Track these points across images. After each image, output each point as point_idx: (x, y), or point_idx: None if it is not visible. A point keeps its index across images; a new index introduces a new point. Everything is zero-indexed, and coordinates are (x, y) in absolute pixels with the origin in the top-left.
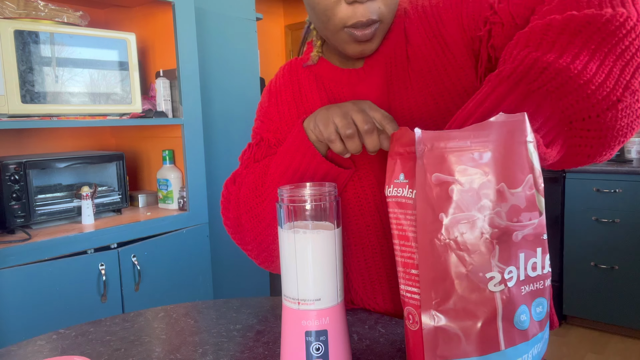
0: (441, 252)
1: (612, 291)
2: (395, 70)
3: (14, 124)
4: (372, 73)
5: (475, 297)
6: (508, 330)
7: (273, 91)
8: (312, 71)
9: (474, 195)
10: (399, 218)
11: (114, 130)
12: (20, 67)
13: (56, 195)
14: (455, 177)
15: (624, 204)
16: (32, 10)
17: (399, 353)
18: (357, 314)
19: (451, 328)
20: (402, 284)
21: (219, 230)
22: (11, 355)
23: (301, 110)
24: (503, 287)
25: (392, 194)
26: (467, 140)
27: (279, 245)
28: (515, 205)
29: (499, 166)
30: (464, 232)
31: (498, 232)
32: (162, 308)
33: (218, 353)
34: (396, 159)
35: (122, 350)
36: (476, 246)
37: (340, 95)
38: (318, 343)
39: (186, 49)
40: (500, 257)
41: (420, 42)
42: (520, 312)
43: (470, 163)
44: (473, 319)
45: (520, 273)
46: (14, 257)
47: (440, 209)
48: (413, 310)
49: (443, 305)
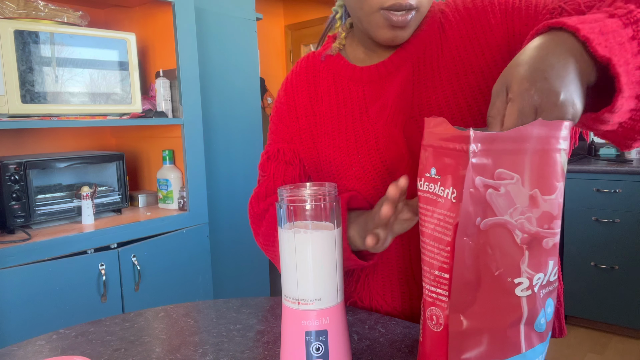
0: (475, 256)
1: (612, 291)
2: (424, 67)
3: (14, 124)
4: (398, 67)
5: (503, 301)
6: (528, 333)
7: (289, 90)
8: (331, 69)
9: (509, 200)
10: (428, 215)
11: (114, 130)
12: (20, 67)
13: (56, 195)
14: (496, 180)
15: (624, 204)
16: (32, 10)
17: (399, 353)
18: (357, 314)
19: (477, 331)
20: (427, 284)
21: (219, 230)
22: (11, 355)
23: (317, 114)
24: (530, 293)
25: (423, 189)
26: (509, 143)
27: (279, 245)
28: (547, 212)
29: (534, 172)
30: (497, 236)
31: (528, 237)
32: (162, 308)
33: (218, 353)
34: (429, 150)
35: (122, 350)
36: (507, 251)
37: (358, 94)
38: (318, 343)
39: (186, 49)
40: (530, 263)
41: (459, 43)
42: (541, 316)
43: (509, 167)
44: (499, 323)
45: (545, 279)
46: (14, 257)
47: (478, 213)
48: (438, 312)
49: (471, 309)
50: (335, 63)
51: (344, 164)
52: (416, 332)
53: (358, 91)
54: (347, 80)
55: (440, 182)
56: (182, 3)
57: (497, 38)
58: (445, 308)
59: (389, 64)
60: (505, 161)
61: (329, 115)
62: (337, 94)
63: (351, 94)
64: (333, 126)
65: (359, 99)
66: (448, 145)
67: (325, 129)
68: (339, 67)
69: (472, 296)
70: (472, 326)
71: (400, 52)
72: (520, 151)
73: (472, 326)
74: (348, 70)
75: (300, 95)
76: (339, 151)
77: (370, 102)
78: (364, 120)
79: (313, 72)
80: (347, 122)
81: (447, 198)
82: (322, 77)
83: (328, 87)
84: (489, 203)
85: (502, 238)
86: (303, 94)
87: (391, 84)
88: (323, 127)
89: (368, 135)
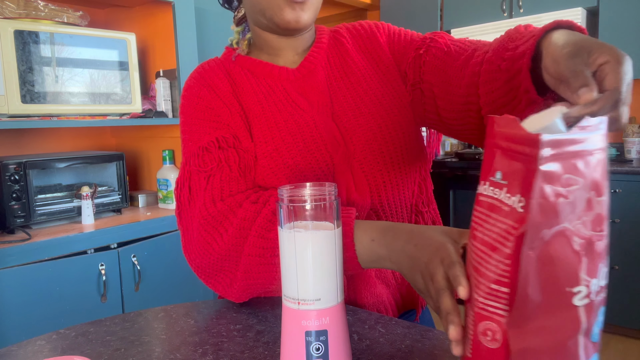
0: (537, 269)
1: (612, 291)
2: (332, 72)
3: (14, 124)
4: (311, 72)
5: (562, 313)
6: (586, 344)
7: (205, 84)
8: (245, 67)
9: (572, 206)
10: (487, 222)
11: (114, 130)
12: (20, 67)
13: (56, 195)
14: (565, 187)
15: (624, 204)
16: (32, 10)
17: (399, 353)
18: (357, 314)
19: (538, 347)
20: (481, 296)
21: None
22: (11, 355)
23: (243, 103)
24: (587, 301)
25: (487, 193)
26: (575, 145)
27: (279, 245)
28: (600, 214)
29: (590, 173)
30: (557, 245)
31: (584, 242)
32: (162, 308)
33: (218, 353)
34: (495, 151)
35: (122, 350)
36: (566, 259)
37: (280, 89)
38: (318, 343)
39: (186, 49)
40: (587, 269)
41: (356, 56)
42: (596, 325)
43: (574, 171)
44: (558, 336)
45: (598, 285)
46: (14, 257)
47: (546, 225)
48: (495, 327)
49: (531, 323)
50: (248, 62)
51: (280, 151)
52: (416, 332)
53: (278, 86)
54: (265, 77)
55: (507, 188)
56: (182, 3)
57: (386, 53)
58: (503, 324)
59: (303, 69)
60: (571, 165)
61: (252, 105)
62: (259, 85)
63: (272, 89)
64: (259, 115)
65: (281, 92)
66: (517, 149)
67: (252, 119)
68: (253, 65)
69: (533, 310)
70: (533, 342)
71: (310, 58)
72: (582, 153)
73: (533, 342)
74: (265, 67)
75: (222, 87)
76: (271, 138)
77: (295, 96)
78: (295, 108)
79: (224, 71)
80: (274, 111)
81: (512, 207)
82: (237, 73)
83: (247, 80)
84: (558, 212)
85: (562, 246)
86: (225, 87)
87: (308, 84)
88: (250, 116)
89: (305, 120)
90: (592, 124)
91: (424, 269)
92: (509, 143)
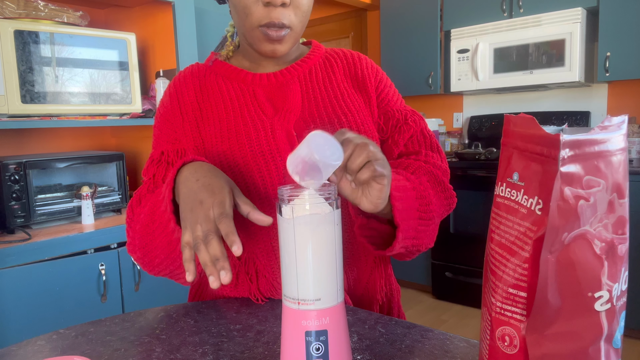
0: (556, 273)
1: None
2: (311, 84)
3: (14, 124)
4: (288, 81)
5: (583, 318)
6: (607, 351)
7: (174, 93)
8: (218, 73)
9: (593, 209)
10: (505, 225)
11: (114, 130)
12: (20, 67)
13: (56, 195)
14: (586, 190)
15: None
16: (32, 10)
17: (399, 353)
18: (357, 314)
19: (558, 353)
20: (498, 300)
21: None
22: (11, 355)
23: (203, 109)
24: (609, 306)
25: (504, 195)
26: (596, 146)
27: (279, 244)
28: (621, 217)
29: (612, 175)
30: (578, 249)
31: (606, 246)
32: (162, 308)
33: (218, 353)
34: (512, 151)
35: (122, 350)
36: (587, 263)
37: (250, 93)
38: (318, 343)
39: (186, 49)
40: (609, 273)
41: (340, 77)
42: (618, 331)
43: (595, 173)
44: (579, 343)
45: (619, 289)
46: (14, 257)
47: (565, 228)
48: (512, 332)
49: (551, 329)
50: (224, 68)
51: (233, 150)
52: (416, 332)
53: (249, 90)
54: (237, 82)
55: (524, 189)
56: (182, 3)
57: (369, 89)
58: (521, 329)
59: (280, 76)
60: (592, 166)
61: (215, 107)
62: (228, 90)
63: (242, 92)
64: (220, 116)
65: (250, 96)
66: (535, 149)
67: (212, 120)
68: (229, 71)
69: (552, 316)
70: (553, 348)
71: (290, 69)
72: (603, 154)
73: (552, 348)
74: (240, 73)
75: (186, 95)
76: (227, 138)
77: (263, 101)
78: (258, 112)
79: (198, 76)
80: (237, 114)
81: (530, 209)
82: (209, 79)
83: (217, 85)
84: (579, 215)
85: (583, 250)
86: (189, 93)
87: (281, 90)
88: (210, 118)
89: (264, 124)
90: (613, 123)
91: (197, 205)
92: (526, 143)
